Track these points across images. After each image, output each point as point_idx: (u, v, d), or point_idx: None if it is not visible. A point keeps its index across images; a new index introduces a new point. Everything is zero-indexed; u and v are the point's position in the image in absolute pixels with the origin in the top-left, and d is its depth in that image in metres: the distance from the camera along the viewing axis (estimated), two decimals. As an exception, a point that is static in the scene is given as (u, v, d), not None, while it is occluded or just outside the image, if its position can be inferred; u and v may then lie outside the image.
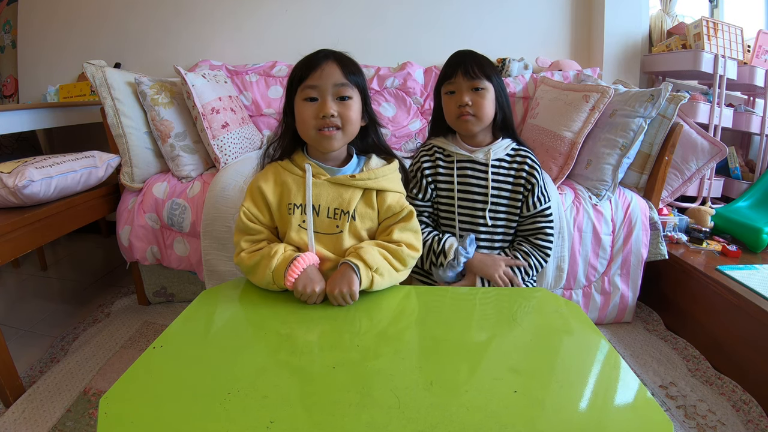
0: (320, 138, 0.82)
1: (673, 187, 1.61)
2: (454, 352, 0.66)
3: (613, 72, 2.00)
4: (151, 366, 0.62)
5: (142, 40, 2.14)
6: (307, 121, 0.82)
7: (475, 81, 0.98)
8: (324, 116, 0.80)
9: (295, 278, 0.77)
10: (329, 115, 0.80)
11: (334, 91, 0.81)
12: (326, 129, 0.81)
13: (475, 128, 1.01)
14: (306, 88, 0.81)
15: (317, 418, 0.52)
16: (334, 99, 0.82)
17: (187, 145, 1.46)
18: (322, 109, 0.80)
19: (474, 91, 0.98)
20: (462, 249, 0.99)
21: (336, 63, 0.82)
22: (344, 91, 0.82)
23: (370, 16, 2.09)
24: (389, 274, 0.83)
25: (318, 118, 0.81)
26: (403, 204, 0.90)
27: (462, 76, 0.98)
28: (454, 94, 1.00)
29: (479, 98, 0.98)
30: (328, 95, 0.81)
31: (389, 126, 1.85)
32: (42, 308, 1.61)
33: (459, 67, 0.99)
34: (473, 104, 0.98)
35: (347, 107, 0.82)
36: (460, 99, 0.98)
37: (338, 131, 0.83)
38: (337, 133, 0.82)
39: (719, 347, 1.24)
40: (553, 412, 0.53)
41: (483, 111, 0.99)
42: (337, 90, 0.82)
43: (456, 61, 1.01)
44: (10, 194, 1.13)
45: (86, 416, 1.05)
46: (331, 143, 0.83)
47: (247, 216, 0.87)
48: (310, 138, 0.84)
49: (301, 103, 0.82)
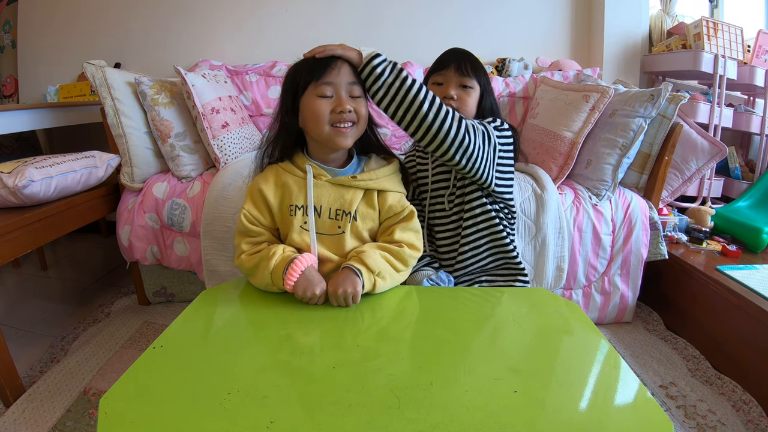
0: (334, 134, 0.83)
1: (673, 187, 1.61)
2: (454, 352, 0.66)
3: (613, 72, 2.00)
4: (151, 366, 0.62)
5: (142, 40, 2.15)
6: (322, 117, 0.82)
7: (464, 78, 0.98)
8: (341, 111, 0.81)
9: (294, 281, 0.78)
10: (346, 110, 0.81)
11: (348, 89, 0.83)
12: (342, 125, 0.82)
13: None
14: (321, 85, 0.82)
15: (317, 418, 0.52)
16: (347, 96, 0.83)
17: (187, 145, 1.46)
18: (339, 105, 0.81)
19: (462, 87, 0.99)
20: (428, 282, 0.98)
21: (346, 62, 0.84)
22: (356, 90, 0.84)
23: (369, 16, 2.09)
24: (391, 276, 0.83)
25: (335, 113, 0.82)
26: (403, 204, 0.90)
27: (454, 70, 0.99)
28: (442, 85, 1.00)
29: (465, 95, 0.99)
30: (343, 92, 0.82)
31: (389, 126, 1.85)
32: (42, 308, 1.61)
33: (453, 61, 0.99)
34: (458, 98, 0.98)
35: (360, 104, 0.84)
36: (446, 91, 0.98)
37: (353, 127, 0.84)
38: (352, 129, 0.84)
39: (719, 347, 1.24)
40: (553, 412, 0.53)
41: (466, 107, 0.99)
42: (350, 88, 0.83)
43: (452, 55, 1.01)
44: (10, 194, 1.13)
45: (86, 416, 1.05)
46: (345, 139, 0.84)
47: (247, 218, 0.87)
48: (322, 134, 0.83)
49: (314, 99, 0.82)
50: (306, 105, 0.83)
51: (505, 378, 0.59)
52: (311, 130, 0.85)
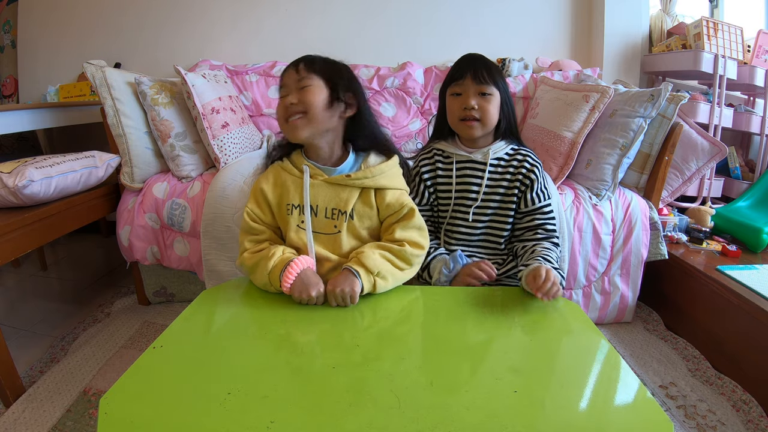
0: (288, 127, 0.85)
1: (673, 187, 1.61)
2: (455, 352, 0.66)
3: (613, 72, 2.00)
4: (151, 366, 0.62)
5: (142, 40, 2.14)
6: (279, 116, 0.87)
7: (483, 86, 0.97)
8: (286, 106, 0.85)
9: (291, 283, 0.78)
10: (288, 103, 0.84)
11: (297, 84, 0.85)
12: (288, 118, 0.85)
13: (477, 133, 1.01)
14: (280, 88, 0.88)
15: (317, 418, 0.52)
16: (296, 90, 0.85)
17: (187, 145, 1.46)
18: (283, 100, 0.86)
19: (481, 95, 0.98)
20: (445, 269, 0.98)
21: (301, 62, 0.86)
22: (305, 82, 0.85)
23: (369, 16, 2.09)
24: (392, 276, 0.83)
25: (284, 107, 0.85)
26: (403, 201, 0.90)
27: (471, 79, 0.97)
28: (460, 95, 0.99)
29: (485, 103, 0.98)
30: (292, 89, 0.85)
31: (389, 126, 1.85)
32: (42, 308, 1.61)
33: (468, 70, 0.98)
34: (479, 108, 0.97)
35: (305, 94, 0.84)
36: (466, 101, 0.98)
37: (302, 117, 0.84)
38: (300, 120, 0.84)
39: (719, 347, 1.24)
40: (553, 412, 0.53)
41: (488, 116, 0.98)
42: (299, 83, 0.85)
43: (466, 63, 1.00)
44: (10, 194, 1.13)
45: (86, 416, 1.05)
46: (298, 132, 0.84)
47: (250, 216, 0.88)
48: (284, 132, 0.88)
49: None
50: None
51: (505, 378, 0.59)
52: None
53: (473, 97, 0.98)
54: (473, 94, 0.98)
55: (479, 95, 0.98)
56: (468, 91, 0.98)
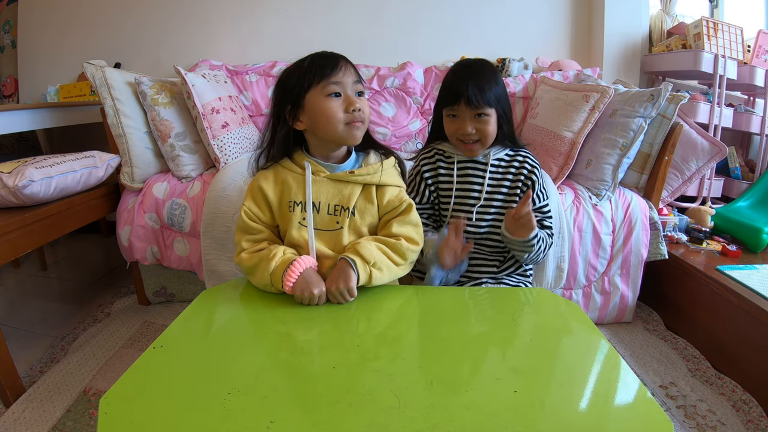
0: (348, 131, 0.84)
1: (673, 187, 1.61)
2: (454, 352, 0.66)
3: (613, 72, 2.00)
4: (151, 366, 0.62)
5: (142, 40, 2.14)
6: (335, 116, 0.83)
7: (478, 109, 0.96)
8: (354, 110, 0.83)
9: (293, 283, 0.78)
10: (358, 109, 0.84)
11: (354, 88, 0.85)
12: (354, 122, 0.84)
13: (477, 152, 1.02)
14: (330, 84, 0.83)
15: (317, 418, 0.52)
16: (354, 94, 0.85)
17: (187, 145, 1.46)
18: (351, 104, 0.84)
19: (477, 117, 0.96)
20: (440, 239, 0.98)
21: (350, 63, 0.86)
22: (360, 88, 0.87)
23: (369, 16, 2.09)
24: (388, 268, 0.83)
25: (348, 113, 0.84)
26: (402, 198, 0.91)
27: (465, 105, 0.95)
28: (457, 117, 0.99)
29: (483, 125, 0.97)
30: (349, 91, 0.85)
31: (389, 126, 1.85)
32: (42, 308, 1.61)
33: (462, 95, 0.95)
34: (477, 131, 0.97)
35: (364, 102, 0.87)
36: (463, 127, 0.97)
37: (363, 124, 0.86)
38: (363, 126, 0.86)
39: (719, 347, 1.24)
40: (553, 412, 0.53)
41: (487, 136, 0.98)
42: (356, 87, 0.86)
43: (457, 86, 0.96)
44: (10, 194, 1.13)
45: (86, 416, 1.05)
46: (359, 134, 0.86)
47: (248, 215, 0.88)
48: (336, 133, 0.84)
49: (325, 99, 0.83)
50: (316, 104, 0.84)
51: (506, 378, 0.59)
52: (322, 127, 0.85)
53: (470, 122, 0.96)
54: (469, 119, 0.96)
55: (475, 118, 0.96)
56: (463, 116, 0.97)
